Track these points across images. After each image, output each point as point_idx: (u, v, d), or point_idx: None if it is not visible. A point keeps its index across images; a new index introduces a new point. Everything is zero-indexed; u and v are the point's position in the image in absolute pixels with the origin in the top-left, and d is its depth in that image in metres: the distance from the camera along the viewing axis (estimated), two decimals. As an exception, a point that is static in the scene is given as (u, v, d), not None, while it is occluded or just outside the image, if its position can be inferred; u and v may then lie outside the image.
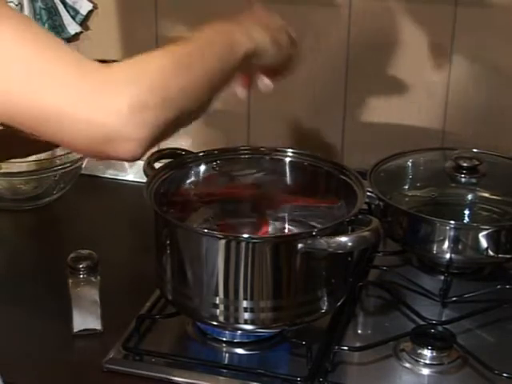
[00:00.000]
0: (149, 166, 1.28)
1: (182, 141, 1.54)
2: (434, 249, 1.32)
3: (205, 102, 0.97)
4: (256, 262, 1.11)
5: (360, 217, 1.16)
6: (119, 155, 0.87)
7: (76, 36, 1.66)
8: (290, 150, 1.32)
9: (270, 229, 1.31)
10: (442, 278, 1.33)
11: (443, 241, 1.30)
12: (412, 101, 1.56)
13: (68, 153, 1.55)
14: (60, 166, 1.57)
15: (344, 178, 1.26)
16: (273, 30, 1.09)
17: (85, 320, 1.23)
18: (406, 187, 1.47)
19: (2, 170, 1.54)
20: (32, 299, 1.32)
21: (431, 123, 1.56)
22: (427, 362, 1.17)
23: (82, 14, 1.64)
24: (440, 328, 1.22)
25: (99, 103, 0.84)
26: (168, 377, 1.15)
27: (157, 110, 0.87)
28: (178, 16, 1.61)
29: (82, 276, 1.21)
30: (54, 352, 1.21)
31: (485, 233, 1.30)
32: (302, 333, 1.18)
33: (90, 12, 1.65)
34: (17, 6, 1.58)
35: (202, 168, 1.31)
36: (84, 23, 1.66)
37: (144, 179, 1.25)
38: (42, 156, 1.54)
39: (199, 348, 1.22)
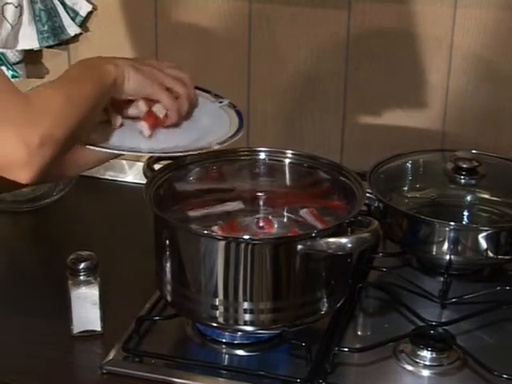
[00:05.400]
0: (148, 167, 1.28)
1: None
2: (434, 250, 1.32)
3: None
4: (256, 264, 1.11)
5: (359, 218, 1.16)
6: (17, 178, 0.96)
7: (76, 37, 1.66)
8: (290, 152, 1.32)
9: (272, 230, 1.31)
10: (442, 279, 1.33)
11: (443, 242, 1.30)
12: (411, 102, 1.56)
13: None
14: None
15: (343, 179, 1.26)
16: (145, 64, 1.17)
17: (84, 321, 1.23)
18: (406, 188, 1.47)
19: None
20: (32, 300, 1.32)
21: (431, 124, 1.56)
22: (427, 363, 1.17)
23: (81, 16, 1.64)
24: (439, 329, 1.22)
25: (17, 136, 0.93)
26: (168, 378, 1.15)
27: (62, 142, 0.98)
28: (178, 17, 1.61)
29: (81, 277, 1.21)
30: (54, 353, 1.21)
31: (484, 234, 1.30)
32: (302, 334, 1.18)
33: (90, 13, 1.65)
34: (16, 7, 1.58)
35: (202, 169, 1.31)
36: (84, 24, 1.66)
37: (143, 181, 1.25)
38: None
39: (199, 349, 1.22)
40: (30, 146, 0.94)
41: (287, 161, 1.32)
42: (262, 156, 1.33)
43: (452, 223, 1.31)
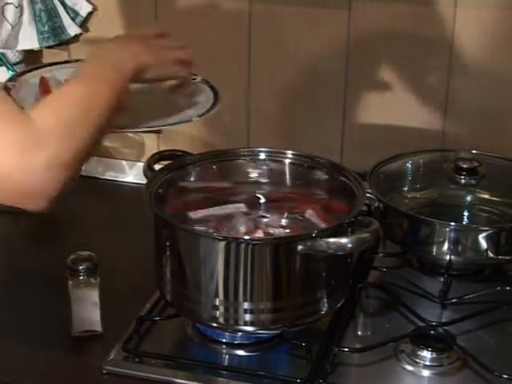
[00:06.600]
0: (149, 167, 1.28)
1: (181, 142, 1.54)
2: (434, 250, 1.32)
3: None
4: (256, 264, 1.11)
5: (360, 218, 1.16)
6: (30, 208, 0.94)
7: (76, 37, 1.66)
8: (290, 152, 1.32)
9: (271, 230, 1.31)
10: (442, 279, 1.33)
11: (443, 242, 1.30)
12: (412, 102, 1.56)
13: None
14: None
15: (343, 179, 1.26)
16: (156, 48, 1.17)
17: (85, 321, 1.23)
18: (406, 189, 1.47)
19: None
20: (32, 301, 1.32)
21: (431, 124, 1.56)
22: (427, 363, 1.17)
23: (81, 16, 1.64)
24: (440, 329, 1.22)
25: (22, 161, 0.90)
26: (168, 378, 1.15)
27: (70, 165, 0.94)
28: (178, 18, 1.61)
29: (81, 277, 1.21)
30: (54, 353, 1.21)
31: (484, 234, 1.30)
32: (302, 334, 1.18)
33: (90, 13, 1.65)
34: (17, 7, 1.58)
35: (202, 170, 1.31)
36: (84, 25, 1.66)
37: (144, 181, 1.25)
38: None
39: (199, 350, 1.22)
40: (36, 171, 0.90)
41: (287, 161, 1.32)
42: (262, 156, 1.33)
43: (452, 223, 1.31)
